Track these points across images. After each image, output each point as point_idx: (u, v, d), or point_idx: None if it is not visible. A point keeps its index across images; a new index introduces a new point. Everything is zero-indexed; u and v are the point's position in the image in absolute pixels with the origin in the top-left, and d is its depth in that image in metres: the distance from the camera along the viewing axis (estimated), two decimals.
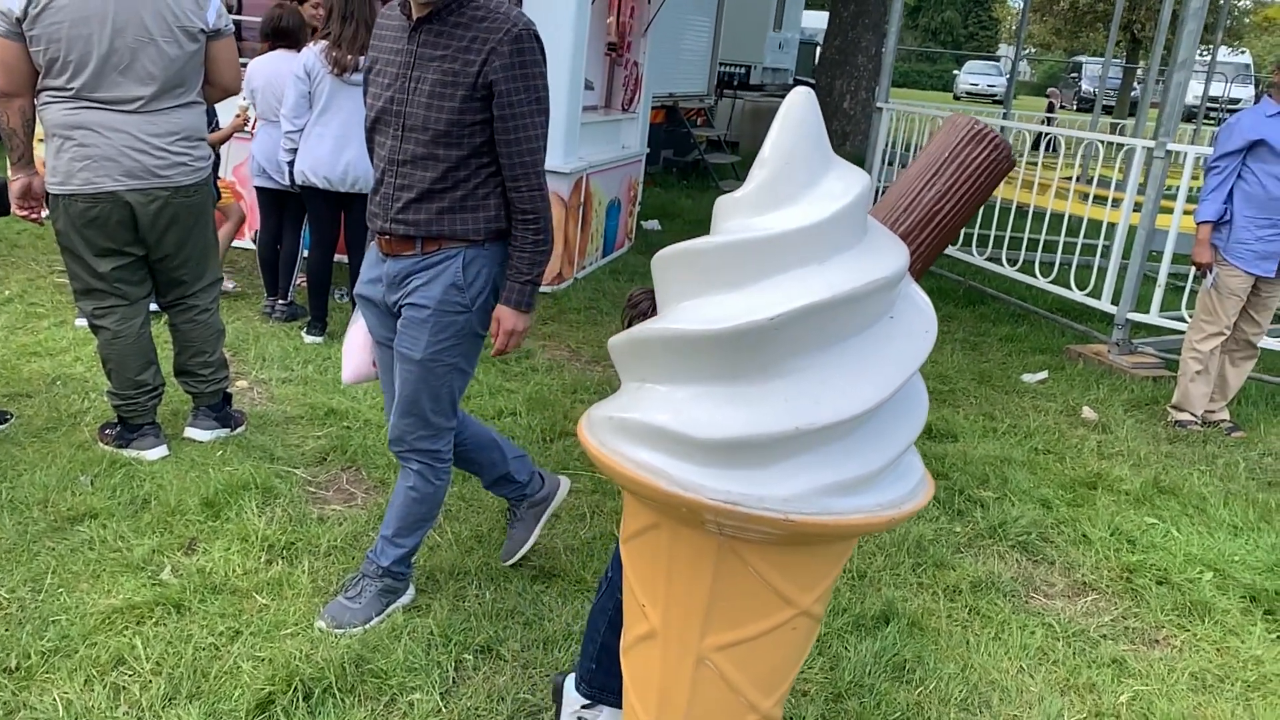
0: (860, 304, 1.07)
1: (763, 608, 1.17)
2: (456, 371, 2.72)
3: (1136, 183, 6.24)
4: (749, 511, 1.06)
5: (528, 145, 2.54)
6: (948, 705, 2.70)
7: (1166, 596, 3.38)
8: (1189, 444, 4.92)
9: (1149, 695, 2.82)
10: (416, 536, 2.88)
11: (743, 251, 1.08)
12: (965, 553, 3.57)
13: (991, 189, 1.30)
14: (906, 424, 1.13)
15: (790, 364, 1.06)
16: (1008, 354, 6.25)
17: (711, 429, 1.06)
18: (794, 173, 1.10)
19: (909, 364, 1.10)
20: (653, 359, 1.13)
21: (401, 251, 2.64)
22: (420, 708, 2.49)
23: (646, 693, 1.28)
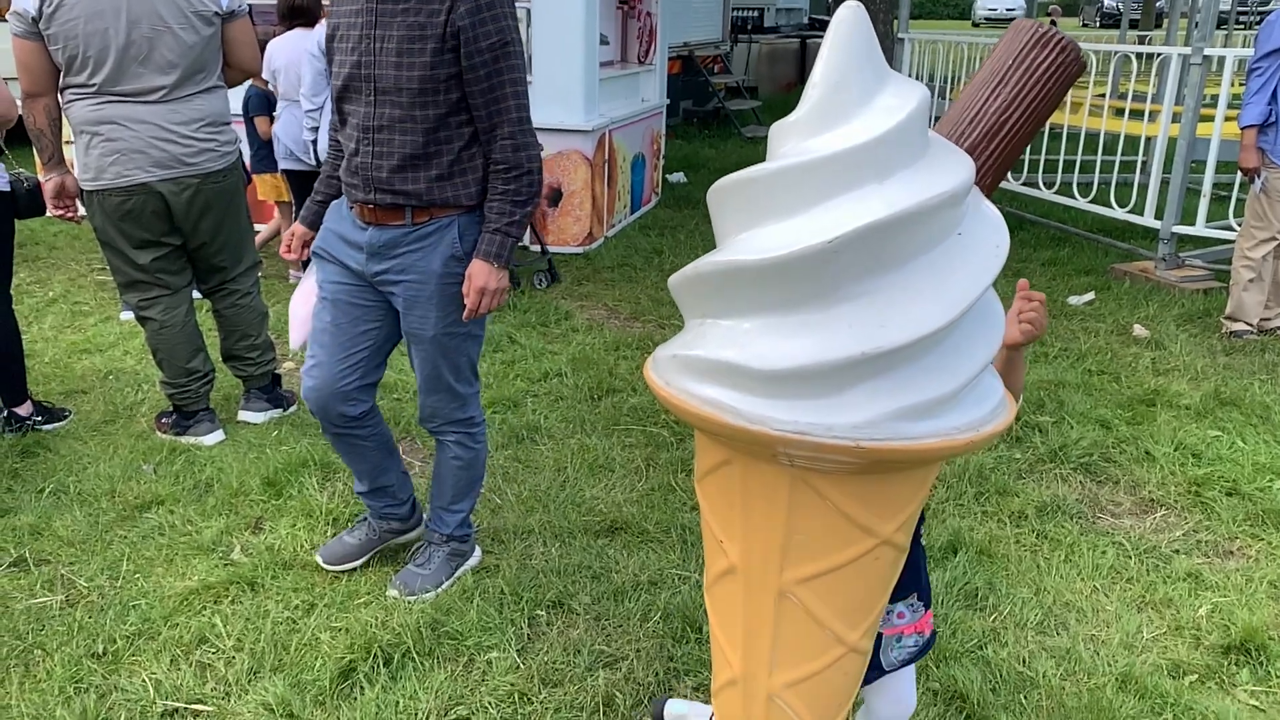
0: (923, 221, 1.03)
1: (841, 539, 1.15)
2: (470, 339, 2.67)
3: (1173, 93, 6.07)
4: (818, 440, 1.03)
5: (500, 93, 2.43)
6: (1024, 629, 2.68)
7: (1237, 507, 3.33)
8: (1246, 354, 4.82)
9: (1228, 606, 2.78)
10: (471, 499, 2.89)
11: (797, 175, 1.05)
12: (1027, 478, 3.53)
13: (1062, 94, 1.25)
14: (981, 344, 1.10)
15: (854, 288, 1.03)
16: (1052, 278, 6.15)
17: (776, 360, 1.03)
18: (846, 91, 1.06)
19: (979, 282, 1.06)
20: (712, 294, 1.11)
21: (388, 221, 2.52)
22: (499, 665, 2.52)
23: (732, 629, 1.27)
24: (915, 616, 1.74)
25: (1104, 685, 2.44)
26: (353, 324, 2.63)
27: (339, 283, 2.63)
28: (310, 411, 2.71)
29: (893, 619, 1.72)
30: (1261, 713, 2.40)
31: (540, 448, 3.74)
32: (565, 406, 4.11)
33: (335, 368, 2.64)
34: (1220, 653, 2.60)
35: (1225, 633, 2.66)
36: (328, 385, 2.65)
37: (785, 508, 1.14)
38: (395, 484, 2.91)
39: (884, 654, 1.73)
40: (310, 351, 2.68)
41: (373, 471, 2.85)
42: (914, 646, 1.77)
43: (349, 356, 2.65)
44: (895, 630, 1.73)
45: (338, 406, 2.67)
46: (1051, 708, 2.37)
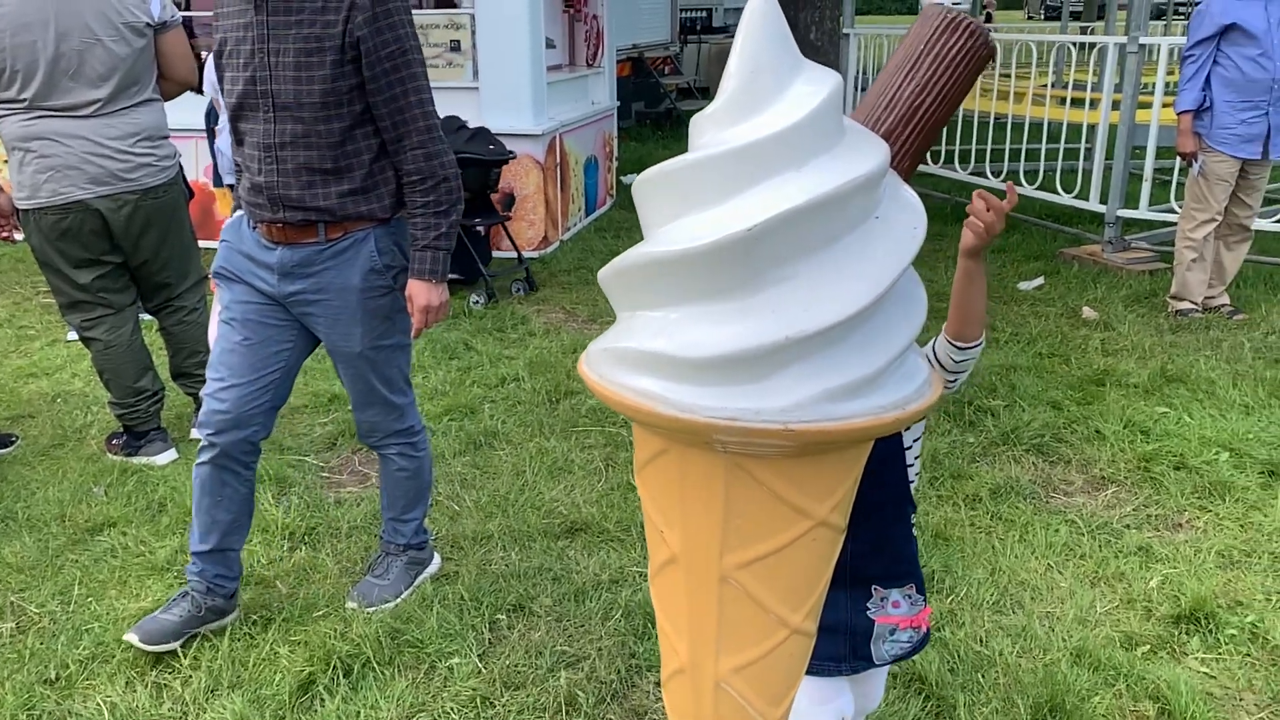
0: (841, 206, 1.05)
1: (778, 522, 1.16)
2: (399, 350, 2.62)
3: (1112, 81, 6.18)
4: (748, 425, 1.04)
5: (405, 102, 2.38)
6: (980, 609, 2.71)
7: (1185, 480, 3.40)
8: (1192, 331, 4.92)
9: (1178, 577, 2.84)
10: (422, 507, 2.87)
11: (715, 166, 1.06)
12: (981, 461, 3.58)
13: (973, 78, 1.27)
14: (904, 324, 1.11)
15: (776, 274, 1.05)
16: (1002, 264, 6.24)
17: (703, 348, 1.04)
18: (761, 81, 1.08)
19: (897, 263, 1.08)
20: (639, 286, 1.12)
21: (300, 239, 2.44)
22: (460, 671, 2.51)
23: (677, 618, 1.28)
24: (913, 610, 1.69)
25: (1059, 660, 2.48)
26: (264, 344, 2.52)
27: (248, 303, 2.52)
28: (208, 438, 2.53)
29: (887, 607, 1.67)
30: (1212, 679, 2.45)
31: (498, 453, 3.73)
32: (523, 411, 4.11)
33: (248, 389, 2.52)
34: (1171, 622, 2.65)
35: (1175, 603, 2.72)
36: (239, 407, 2.51)
37: (722, 494, 1.15)
38: (238, 550, 2.69)
39: (874, 645, 1.68)
40: (217, 374, 2.53)
41: (228, 526, 2.61)
42: (907, 643, 1.71)
43: (262, 378, 2.53)
44: (890, 620, 1.67)
45: (245, 431, 2.54)
46: (1008, 685, 2.40)
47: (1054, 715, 2.28)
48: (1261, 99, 4.75)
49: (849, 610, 1.66)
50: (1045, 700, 2.31)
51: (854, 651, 1.68)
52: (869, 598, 1.66)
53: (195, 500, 2.60)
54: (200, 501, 2.60)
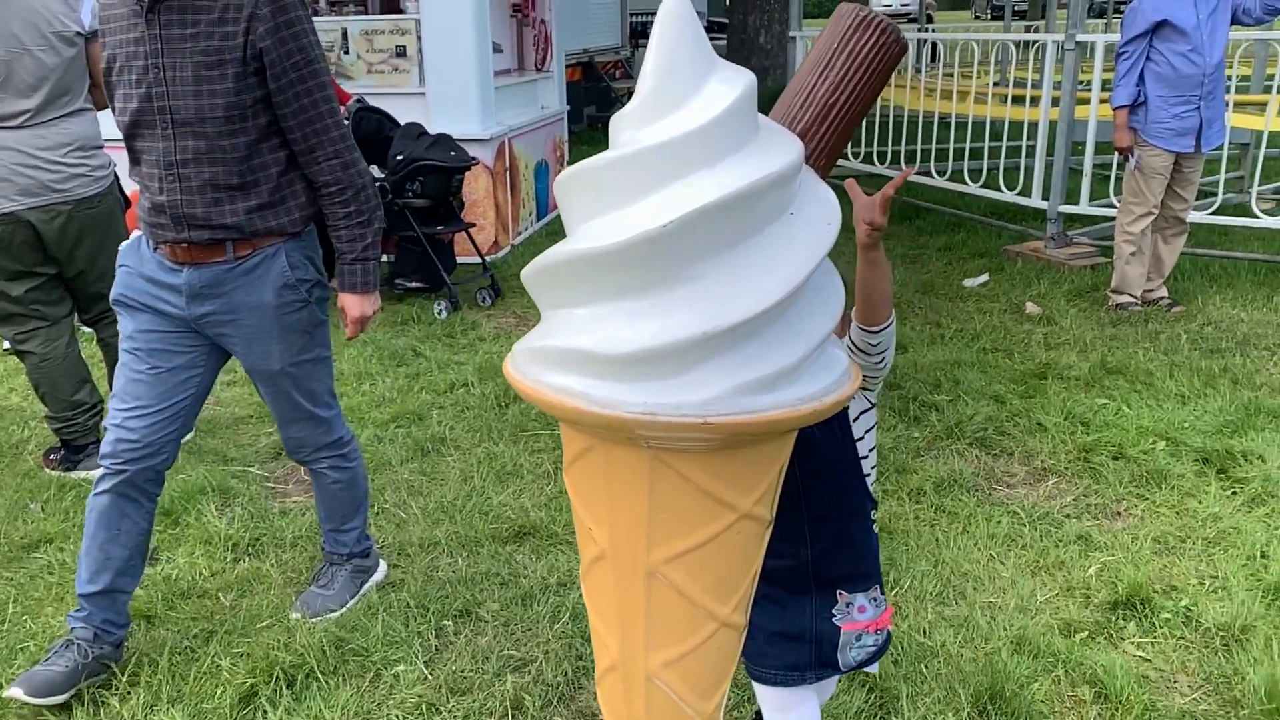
0: (754, 202, 1.07)
1: (703, 516, 1.17)
2: (319, 363, 2.58)
3: (1051, 78, 6.29)
4: (667, 419, 1.06)
5: (315, 112, 2.33)
6: (924, 601, 2.74)
7: (1123, 470, 3.46)
8: (1132, 324, 5.02)
9: (1115, 564, 2.89)
10: (362, 515, 2.84)
11: (632, 164, 1.08)
12: (925, 456, 3.63)
13: (885, 75, 1.29)
14: (820, 317, 1.13)
15: (693, 270, 1.06)
16: (948, 262, 6.32)
17: (623, 344, 1.06)
18: (676, 80, 1.09)
19: (811, 258, 1.09)
20: (560, 284, 1.13)
21: (207, 259, 2.36)
22: (406, 678, 2.49)
23: (608, 614, 1.28)
24: (877, 611, 1.69)
25: (999, 649, 2.52)
26: (174, 372, 2.43)
27: (153, 331, 2.42)
28: (114, 467, 2.41)
29: (853, 613, 1.66)
30: (1147, 662, 2.50)
31: (446, 459, 3.71)
32: (472, 416, 4.09)
33: (158, 418, 2.42)
34: (1108, 609, 2.70)
35: (1113, 590, 2.77)
36: (149, 435, 2.41)
37: (647, 489, 1.16)
38: (128, 595, 2.53)
39: (842, 653, 1.67)
40: (124, 404, 2.42)
41: (122, 565, 2.47)
42: (873, 646, 1.70)
43: (172, 405, 2.44)
44: (856, 626, 1.66)
45: (154, 460, 2.44)
46: (950, 674, 2.43)
47: (994, 703, 2.31)
48: (1193, 93, 4.86)
49: (814, 617, 1.65)
50: (985, 688, 2.34)
51: (819, 660, 1.67)
52: (834, 604, 1.65)
53: (88, 535, 2.44)
54: (95, 536, 2.44)
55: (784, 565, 1.63)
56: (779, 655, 1.70)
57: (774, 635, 1.69)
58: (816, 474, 1.56)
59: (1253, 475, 3.35)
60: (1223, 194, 5.80)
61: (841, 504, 1.62)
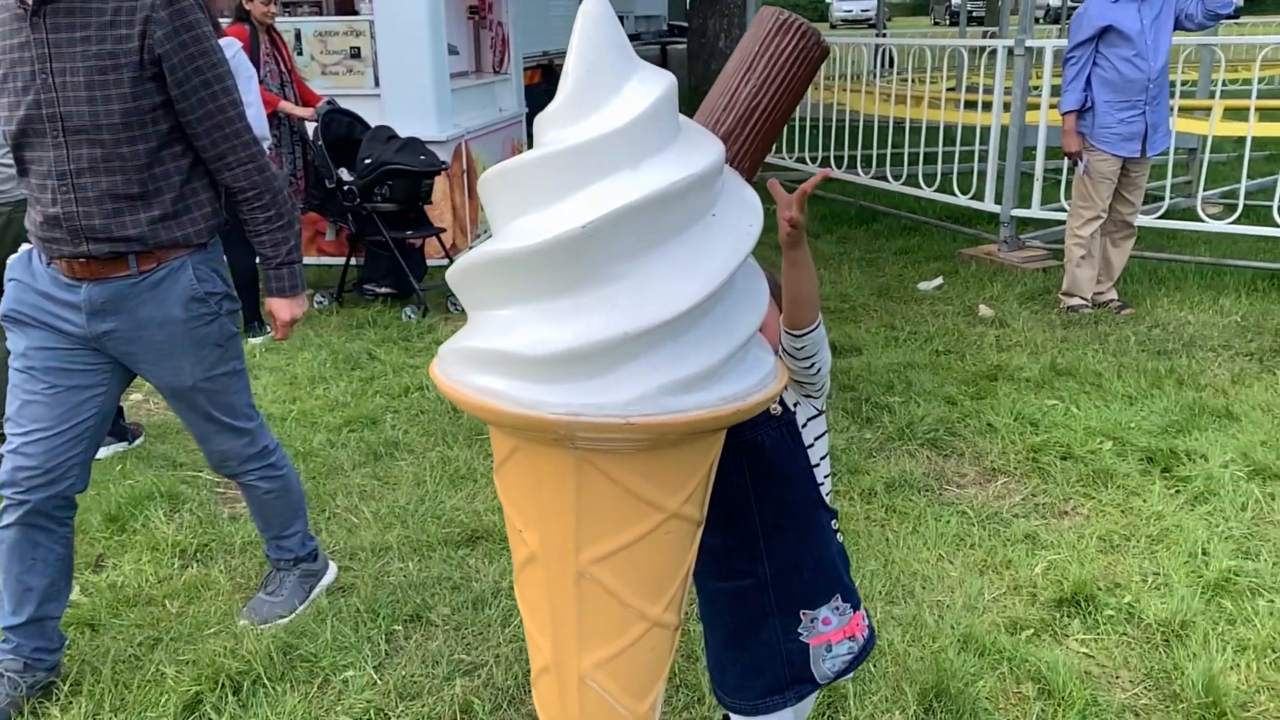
0: (675, 203, 1.07)
1: (630, 516, 1.18)
2: (234, 375, 2.50)
3: (1002, 83, 6.38)
4: (590, 420, 1.06)
5: (224, 117, 2.26)
6: (873, 600, 2.77)
7: (1071, 470, 3.52)
8: (1082, 326, 5.10)
9: (1061, 563, 2.94)
10: (301, 519, 2.79)
11: (553, 164, 1.08)
12: (877, 457, 3.66)
13: (807, 78, 1.30)
14: (743, 318, 1.14)
15: (614, 270, 1.07)
16: (903, 266, 6.38)
17: (545, 345, 1.06)
18: (596, 81, 1.10)
19: (733, 258, 1.10)
20: (484, 284, 1.13)
21: (108, 274, 2.25)
22: (355, 683, 2.47)
23: (539, 616, 1.29)
24: (843, 620, 1.65)
25: (946, 647, 2.55)
26: (73, 393, 2.31)
27: (48, 349, 2.30)
28: (15, 496, 2.30)
29: (817, 626, 1.63)
30: (1090, 658, 2.54)
31: (400, 463, 3.69)
32: (426, 420, 4.07)
33: (58, 441, 2.29)
34: (1054, 606, 2.74)
35: (1059, 587, 2.81)
36: (50, 461, 2.28)
37: (574, 490, 1.16)
38: (58, 618, 2.44)
39: (815, 666, 1.63)
40: (20, 428, 2.29)
41: (45, 592, 2.37)
42: (847, 654, 1.66)
43: (74, 428, 2.31)
44: (822, 639, 1.63)
45: (59, 486, 2.31)
46: (897, 673, 2.46)
47: (939, 700, 2.34)
48: (1138, 98, 4.96)
49: (780, 639, 1.62)
50: (932, 686, 2.37)
51: (795, 678, 1.64)
52: (799, 623, 1.62)
53: (2, 568, 2.34)
54: (9, 569, 2.33)
55: (743, 586, 1.60)
56: (753, 686, 1.66)
57: (746, 669, 1.66)
58: (767, 481, 1.53)
59: (1195, 474, 3.42)
60: (1169, 198, 5.91)
61: (796, 514, 1.58)
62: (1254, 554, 2.96)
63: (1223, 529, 3.09)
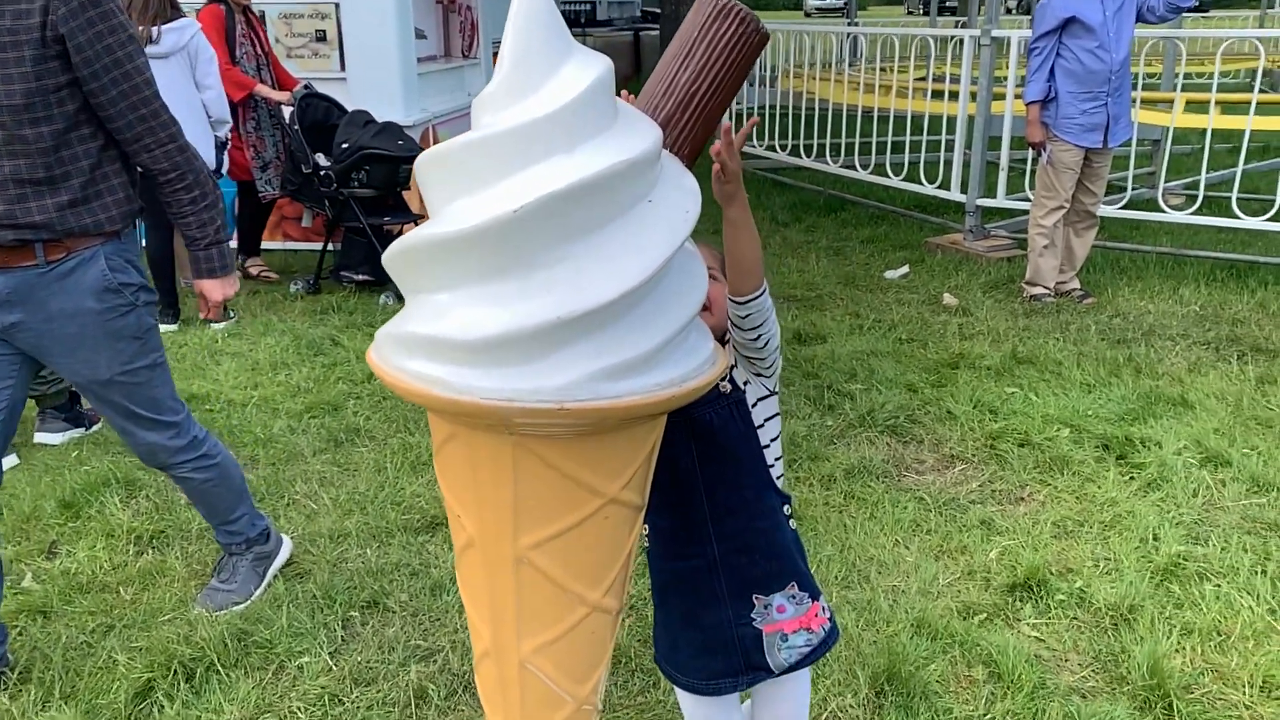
0: (610, 188, 1.07)
1: (568, 501, 1.18)
2: (155, 368, 2.41)
3: (968, 73, 6.41)
4: (524, 405, 1.06)
5: (139, 97, 2.18)
6: (829, 585, 2.79)
7: (1028, 457, 3.56)
8: (1044, 315, 5.14)
9: (1015, 548, 2.97)
10: (245, 501, 2.74)
11: (487, 148, 1.07)
12: (838, 443, 3.68)
13: (746, 64, 1.29)
14: (680, 305, 1.14)
15: (548, 255, 1.06)
16: (870, 255, 6.41)
17: (478, 330, 1.06)
18: (532, 64, 1.09)
19: (669, 244, 1.10)
20: (418, 268, 1.12)
21: (14, 263, 2.16)
22: (310, 669, 2.46)
23: (479, 601, 1.29)
24: (799, 610, 1.62)
25: (900, 631, 2.57)
26: None
27: None
28: None
29: (772, 613, 1.60)
30: (1041, 642, 2.57)
31: (360, 449, 3.67)
32: (388, 406, 4.05)
33: None
34: (1007, 591, 2.77)
35: (1012, 572, 2.84)
36: None
37: (511, 475, 1.16)
38: None
39: (769, 655, 1.61)
40: None
41: None
42: (805, 646, 1.62)
43: None
44: (775, 626, 1.60)
45: None
46: (850, 657, 2.48)
47: (891, 684, 2.36)
48: (1101, 89, 5.00)
49: (733, 623, 1.61)
50: (883, 670, 2.39)
51: (748, 664, 1.63)
52: (751, 608, 1.61)
53: None
54: None
55: (693, 567, 1.60)
56: (707, 666, 1.66)
57: (699, 650, 1.66)
58: (715, 462, 1.52)
59: (1149, 461, 3.46)
60: (1131, 189, 5.97)
61: (745, 497, 1.57)
62: (1203, 539, 3.01)
63: (1174, 515, 3.14)
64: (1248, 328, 4.83)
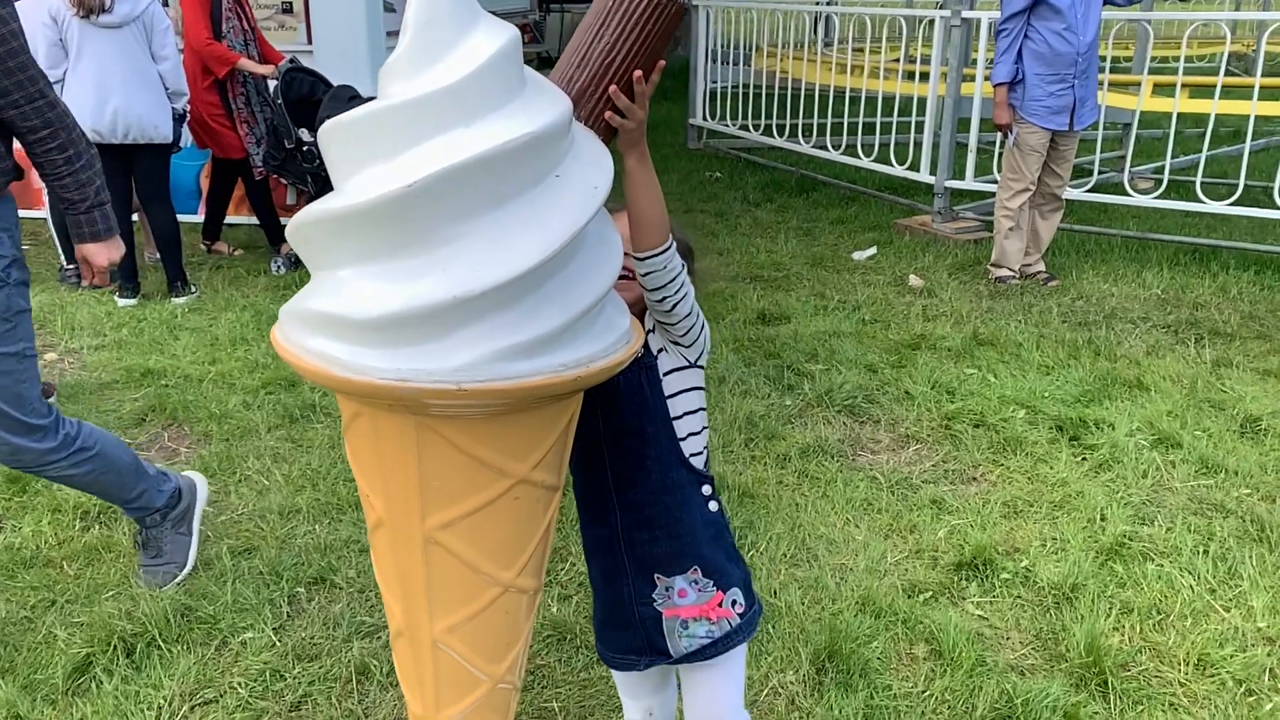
0: (513, 162, 1.04)
1: (475, 481, 1.16)
2: (22, 359, 2.26)
3: (939, 54, 6.40)
4: (421, 386, 1.03)
5: (4, 49, 2.04)
6: (777, 563, 2.80)
7: (982, 437, 3.58)
8: (1008, 297, 5.16)
9: (964, 528, 2.99)
10: (141, 478, 2.61)
11: (386, 120, 1.05)
12: (795, 423, 3.69)
13: (663, 35, 1.26)
14: (588, 284, 1.11)
15: (448, 231, 1.03)
16: (839, 236, 6.41)
17: (373, 308, 1.03)
18: (435, 34, 1.06)
19: (575, 222, 1.08)
20: (317, 244, 1.10)
21: None
22: (253, 645, 2.45)
23: (390, 581, 1.28)
24: (701, 598, 1.55)
25: (844, 609, 2.59)
26: None
27: None
28: None
29: (673, 597, 1.55)
30: (984, 620, 2.59)
31: (316, 426, 3.65)
32: None
33: None
34: (953, 570, 2.79)
35: (960, 552, 2.86)
36: None
37: (416, 455, 1.15)
38: None
39: (669, 639, 1.56)
40: None
41: None
42: (705, 637, 1.55)
43: None
44: (674, 611, 1.55)
45: None
46: (793, 634, 2.49)
47: (831, 660, 2.38)
48: (1068, 72, 5.00)
49: (635, 601, 1.56)
50: (825, 647, 2.41)
51: (650, 644, 1.58)
52: (653, 588, 1.56)
53: None
54: None
55: (600, 535, 1.58)
56: (614, 639, 1.64)
57: (606, 620, 1.64)
58: (620, 433, 1.48)
59: (1102, 442, 3.49)
60: (1098, 172, 5.98)
61: (649, 470, 1.52)
62: (1150, 519, 3.04)
63: (1122, 495, 3.17)
64: (1208, 311, 4.87)
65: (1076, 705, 2.25)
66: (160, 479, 2.68)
